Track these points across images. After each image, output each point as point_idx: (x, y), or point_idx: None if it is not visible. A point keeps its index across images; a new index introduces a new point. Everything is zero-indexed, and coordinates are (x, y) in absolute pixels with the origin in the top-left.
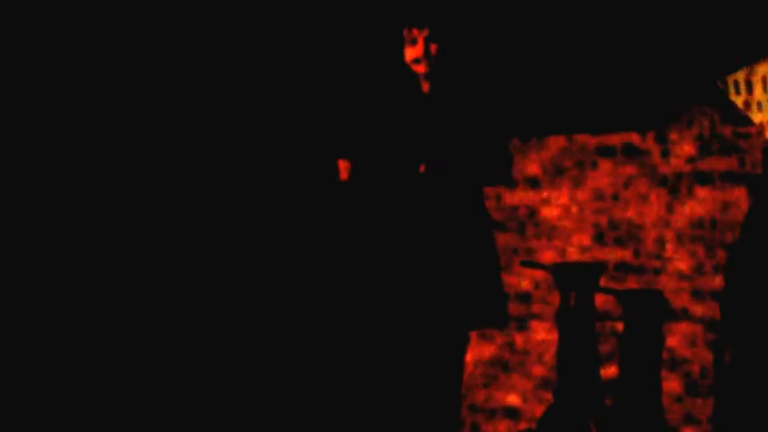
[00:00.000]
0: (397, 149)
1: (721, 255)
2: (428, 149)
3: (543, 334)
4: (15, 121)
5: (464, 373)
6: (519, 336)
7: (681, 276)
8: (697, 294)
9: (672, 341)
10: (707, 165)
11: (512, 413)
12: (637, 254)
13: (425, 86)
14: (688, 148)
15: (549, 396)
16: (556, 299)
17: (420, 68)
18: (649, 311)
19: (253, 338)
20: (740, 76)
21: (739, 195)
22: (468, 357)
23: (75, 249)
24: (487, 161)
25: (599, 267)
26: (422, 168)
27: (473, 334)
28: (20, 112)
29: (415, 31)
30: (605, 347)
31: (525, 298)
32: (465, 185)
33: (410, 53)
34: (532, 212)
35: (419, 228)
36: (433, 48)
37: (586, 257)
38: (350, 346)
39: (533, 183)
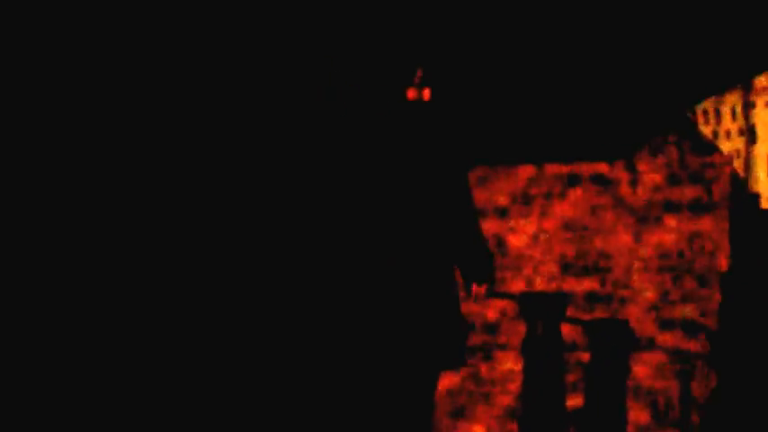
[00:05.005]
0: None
1: (689, 284)
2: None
3: (509, 364)
4: (15, 121)
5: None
6: (484, 365)
7: (648, 306)
8: (664, 324)
9: (639, 371)
10: (675, 194)
11: None
12: (604, 283)
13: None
14: (656, 178)
15: (513, 426)
16: (522, 329)
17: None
18: (616, 341)
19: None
20: (709, 105)
21: (707, 224)
22: None
23: (75, 249)
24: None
25: (565, 297)
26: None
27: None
28: (19, 112)
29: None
30: (571, 377)
31: (491, 328)
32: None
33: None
34: (500, 241)
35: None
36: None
37: (554, 287)
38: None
39: (501, 212)
